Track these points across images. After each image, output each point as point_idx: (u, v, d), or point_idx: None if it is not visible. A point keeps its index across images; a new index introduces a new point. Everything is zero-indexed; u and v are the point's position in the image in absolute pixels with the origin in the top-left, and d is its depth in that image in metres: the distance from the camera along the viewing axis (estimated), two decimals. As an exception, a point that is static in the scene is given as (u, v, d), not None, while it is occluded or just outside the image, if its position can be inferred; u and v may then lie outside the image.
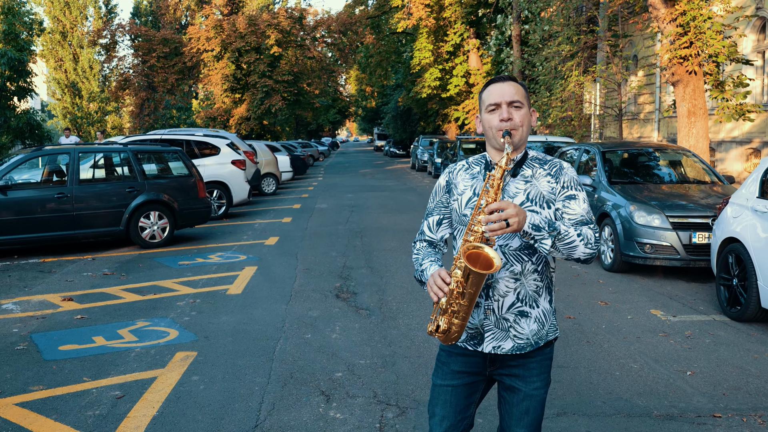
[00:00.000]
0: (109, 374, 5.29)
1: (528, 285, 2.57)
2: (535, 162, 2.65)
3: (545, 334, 2.63)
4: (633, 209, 8.78)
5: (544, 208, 2.56)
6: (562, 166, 2.64)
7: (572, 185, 2.60)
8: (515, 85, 2.61)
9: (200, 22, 36.46)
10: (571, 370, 5.32)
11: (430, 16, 32.60)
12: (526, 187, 2.59)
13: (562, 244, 2.45)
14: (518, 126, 2.56)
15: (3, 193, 10.22)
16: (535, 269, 2.58)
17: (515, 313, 2.57)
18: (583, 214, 2.57)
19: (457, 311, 2.45)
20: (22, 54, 21.39)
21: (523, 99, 2.60)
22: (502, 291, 2.55)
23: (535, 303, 2.59)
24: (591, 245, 2.50)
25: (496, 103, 2.57)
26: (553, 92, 19.60)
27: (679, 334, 6.26)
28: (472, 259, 2.41)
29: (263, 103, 32.79)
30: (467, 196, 2.64)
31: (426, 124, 49.84)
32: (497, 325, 2.57)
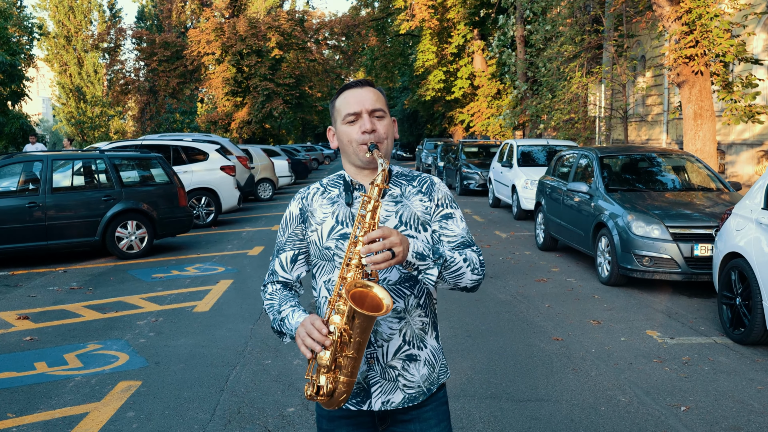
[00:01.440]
0: (38, 409, 4.77)
1: (414, 323, 2.18)
2: (402, 179, 2.26)
3: (437, 378, 2.25)
4: (631, 219, 8.19)
5: (420, 231, 2.17)
6: (433, 182, 2.27)
7: (447, 202, 2.24)
8: (374, 90, 2.21)
9: (200, 25, 36.00)
10: (551, 405, 4.76)
11: (434, 18, 32.04)
12: (398, 209, 2.18)
13: (449, 272, 2.06)
14: (383, 138, 2.17)
15: (-29, 203, 9.77)
16: (418, 304, 2.18)
17: (403, 359, 2.16)
18: (464, 234, 2.21)
19: (343, 365, 1.98)
20: (15, 58, 20.99)
21: (385, 106, 2.21)
22: (385, 334, 2.14)
23: (422, 343, 2.21)
24: (477, 270, 2.14)
25: (355, 112, 2.16)
26: (556, 94, 19.01)
27: (675, 360, 5.68)
28: (357, 299, 1.95)
29: (264, 107, 32.33)
30: (329, 225, 2.19)
31: (432, 126, 49.31)
32: (384, 376, 2.15)
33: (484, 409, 4.69)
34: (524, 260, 10.29)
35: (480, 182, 20.95)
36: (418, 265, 1.99)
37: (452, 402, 4.76)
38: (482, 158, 22.47)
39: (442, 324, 6.75)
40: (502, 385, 5.14)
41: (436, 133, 47.83)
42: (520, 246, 11.61)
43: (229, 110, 34.10)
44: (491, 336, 6.39)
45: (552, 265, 9.85)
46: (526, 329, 6.62)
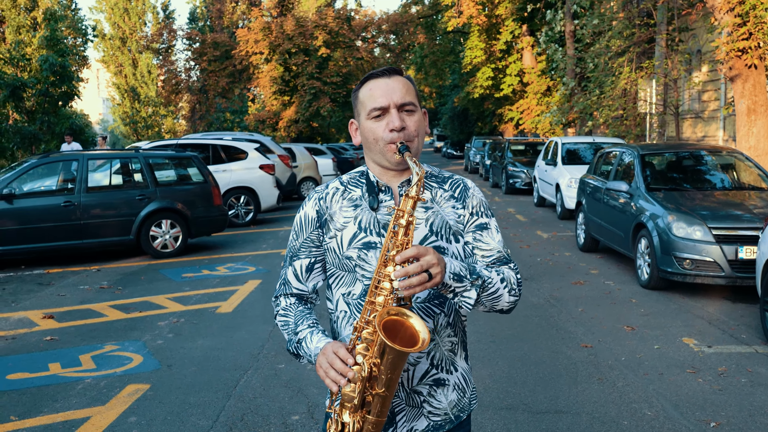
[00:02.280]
0: (41, 412, 4.70)
1: (443, 344, 1.94)
2: (432, 181, 1.99)
3: (467, 404, 2.02)
4: (671, 219, 7.79)
5: (451, 242, 1.93)
6: (467, 186, 2.01)
7: (482, 210, 1.99)
8: (403, 80, 1.94)
9: (248, 24, 36.24)
10: (571, 417, 4.48)
11: (482, 14, 31.58)
12: (428, 216, 1.93)
13: (487, 294, 1.84)
14: (413, 136, 1.91)
15: (8, 202, 9.88)
16: (448, 323, 1.95)
17: (429, 384, 1.93)
18: (500, 248, 1.98)
19: (372, 404, 1.75)
20: (65, 59, 21.37)
21: (416, 98, 1.94)
22: (412, 358, 1.90)
23: (452, 366, 1.97)
24: (515, 291, 1.91)
25: (382, 107, 1.89)
26: (603, 90, 18.48)
27: (710, 371, 5.32)
28: (389, 331, 1.70)
29: (311, 105, 32.35)
30: (350, 232, 1.95)
31: (483, 125, 48.75)
32: (408, 402, 1.92)
33: (497, 420, 4.44)
34: (563, 262, 9.94)
35: (526, 181, 20.51)
36: (455, 287, 1.77)
37: (465, 413, 4.52)
38: (529, 156, 22.02)
39: (469, 328, 6.48)
40: (520, 395, 4.87)
41: (486, 131, 47.25)
42: (560, 247, 11.25)
43: (277, 109, 34.22)
44: (516, 342, 6.12)
45: (591, 267, 9.49)
46: (554, 335, 6.32)
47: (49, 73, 20.88)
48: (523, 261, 9.93)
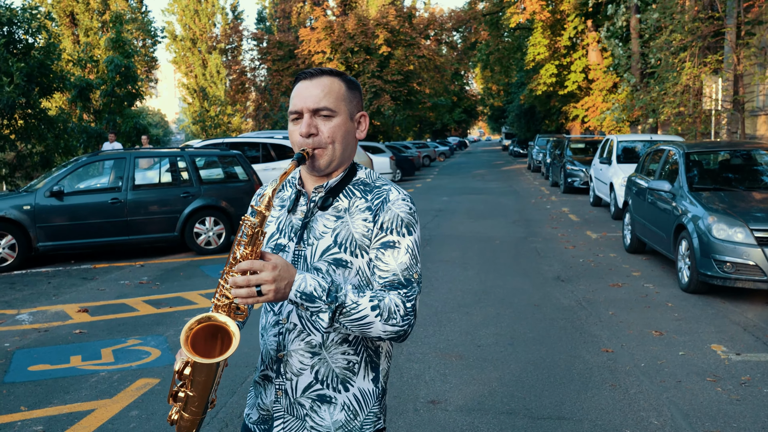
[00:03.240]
0: (51, 403, 4.82)
1: (333, 361, 1.86)
2: (357, 188, 1.90)
3: (358, 427, 1.89)
4: (712, 221, 7.48)
5: (357, 256, 1.84)
6: (388, 199, 1.86)
7: (393, 227, 1.83)
8: (327, 82, 1.86)
9: (312, 24, 36.59)
10: (571, 425, 4.33)
11: (545, 10, 31.05)
12: (336, 226, 1.86)
13: (349, 320, 1.72)
14: (327, 142, 1.84)
15: (59, 199, 10.21)
16: (345, 340, 1.86)
17: (313, 398, 1.87)
18: (398, 272, 1.80)
19: (186, 402, 1.77)
20: (129, 60, 21.98)
21: (338, 103, 1.85)
22: (295, 368, 1.86)
23: (343, 385, 1.88)
24: (396, 320, 1.75)
25: (297, 110, 1.85)
26: (664, 86, 17.90)
27: (732, 380, 5.08)
28: (199, 336, 1.71)
29: (372, 104, 32.43)
30: (270, 231, 1.95)
31: (550, 122, 47.98)
32: (290, 411, 1.88)
33: (494, 425, 4.33)
34: (606, 263, 9.67)
35: (584, 180, 20.07)
36: (307, 305, 1.70)
37: (462, 417, 4.45)
38: (590, 155, 21.54)
39: (489, 329, 6.40)
40: (525, 400, 4.74)
41: (553, 129, 46.50)
42: (606, 248, 10.94)
43: (338, 108, 34.39)
44: (535, 345, 5.97)
45: (634, 270, 9.19)
46: (576, 339, 6.14)
47: (114, 74, 21.52)
48: (564, 262, 9.71)
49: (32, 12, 17.12)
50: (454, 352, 5.79)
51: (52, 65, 17.41)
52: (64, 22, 34.31)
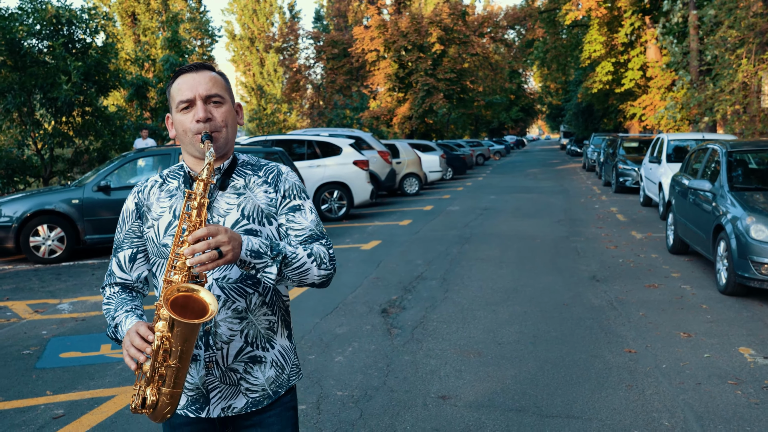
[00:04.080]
0: (75, 388, 5.01)
1: (258, 323, 2.05)
2: (247, 168, 2.09)
3: (286, 380, 2.13)
4: (750, 221, 7.28)
5: (264, 225, 2.02)
6: (281, 171, 2.12)
7: (294, 193, 2.09)
8: (212, 75, 2.04)
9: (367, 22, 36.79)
10: (579, 423, 4.29)
11: (601, 6, 30.52)
12: (240, 201, 2.02)
13: (291, 269, 1.90)
14: (221, 126, 2.00)
15: (105, 193, 10.54)
16: (264, 302, 2.05)
17: (245, 361, 2.04)
18: (312, 227, 2.06)
19: (167, 376, 1.84)
20: (184, 59, 22.48)
21: (224, 92, 2.04)
22: (225, 336, 2.00)
23: (269, 344, 2.08)
24: (326, 265, 1.99)
25: (188, 99, 1.99)
26: (718, 84, 17.43)
27: (755, 383, 4.95)
28: (178, 306, 1.80)
29: (424, 102, 32.41)
30: (166, 221, 2.05)
31: (608, 121, 47.15)
32: (224, 380, 2.02)
33: (501, 422, 4.33)
34: (646, 264, 9.50)
35: (636, 179, 19.70)
36: (255, 263, 1.84)
37: (471, 413, 4.46)
38: (644, 154, 21.11)
39: (512, 328, 6.38)
40: (537, 398, 4.72)
41: (611, 127, 45.69)
42: (649, 248, 10.74)
43: (391, 106, 34.55)
44: (556, 344, 5.92)
45: (674, 271, 9.01)
46: (600, 339, 6.06)
47: (170, 72, 22.02)
48: (603, 262, 9.58)
49: (91, 13, 17.65)
50: (474, 350, 5.79)
51: (108, 64, 17.91)
52: (126, 22, 35.29)
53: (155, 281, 2.10)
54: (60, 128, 17.47)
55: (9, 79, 16.06)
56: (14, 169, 16.96)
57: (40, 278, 9.21)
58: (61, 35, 16.87)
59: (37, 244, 10.24)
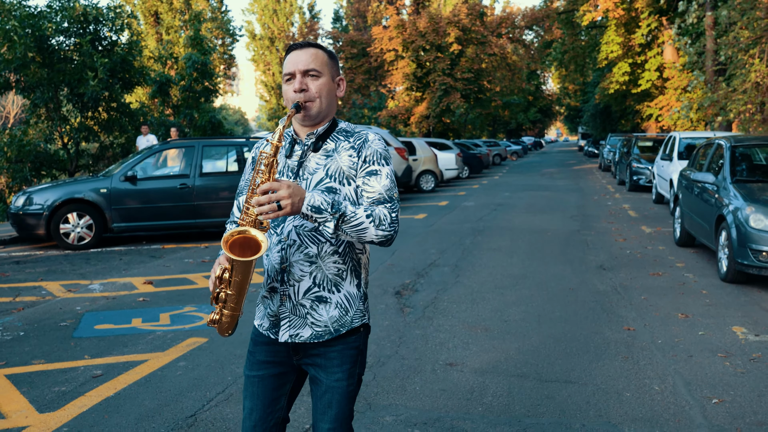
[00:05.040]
0: (110, 354, 5.43)
1: (327, 268, 2.35)
2: (341, 134, 2.41)
3: (349, 321, 2.40)
4: (749, 211, 7.59)
5: (344, 185, 2.34)
6: (367, 139, 2.39)
7: (375, 159, 2.35)
8: (314, 51, 2.39)
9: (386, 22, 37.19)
10: (575, 387, 4.65)
11: (619, 7, 30.72)
12: (326, 163, 2.37)
13: (349, 226, 2.20)
14: (314, 97, 2.35)
15: (132, 183, 11.00)
16: (335, 251, 2.35)
17: (312, 299, 2.36)
18: (382, 191, 2.33)
19: (226, 301, 2.26)
20: (206, 57, 22.96)
21: (323, 66, 2.38)
22: (297, 275, 2.34)
23: (335, 288, 2.37)
24: (384, 227, 2.25)
25: (290, 72, 2.36)
26: (731, 84, 17.65)
27: (743, 356, 5.28)
28: (236, 244, 2.19)
29: (442, 101, 32.75)
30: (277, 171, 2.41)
31: (625, 122, 47.23)
32: (294, 312, 2.37)
33: (502, 385, 4.69)
34: (652, 255, 9.80)
35: (650, 178, 19.94)
36: (315, 217, 2.16)
37: (475, 377, 4.82)
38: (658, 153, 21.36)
39: (519, 308, 6.73)
40: (537, 366, 5.08)
41: (628, 129, 45.77)
42: (657, 241, 11.03)
43: (409, 105, 34.91)
44: (560, 322, 6.27)
45: (678, 261, 9.31)
46: (602, 318, 6.41)
47: (192, 70, 22.53)
48: (611, 253, 9.89)
49: (117, 11, 18.17)
50: (481, 326, 6.15)
51: (133, 61, 18.43)
52: (149, 21, 35.94)
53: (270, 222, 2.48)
54: (86, 123, 18.00)
55: (38, 75, 16.60)
56: (42, 162, 17.50)
57: (70, 262, 9.67)
58: (88, 33, 17.38)
59: (67, 231, 10.70)
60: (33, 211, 10.66)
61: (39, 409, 4.33)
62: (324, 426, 2.40)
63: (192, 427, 4.05)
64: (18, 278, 8.56)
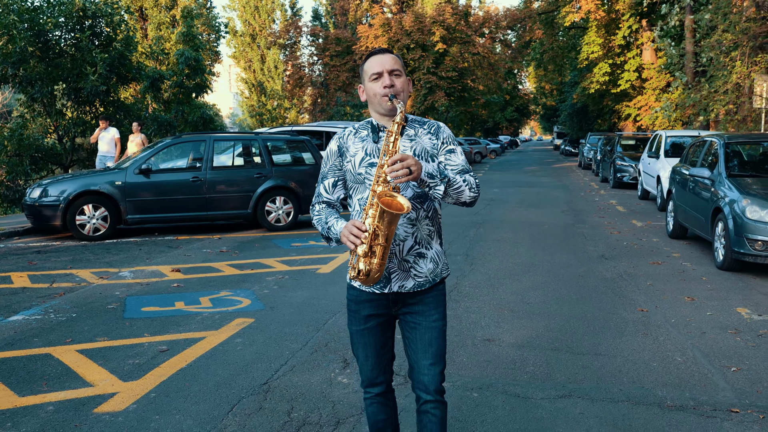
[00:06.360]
0: (168, 332, 5.81)
1: (422, 230, 2.83)
2: (415, 123, 2.90)
3: (440, 272, 2.91)
4: (745, 203, 8.14)
5: (429, 161, 2.81)
6: (440, 126, 2.91)
7: (450, 141, 2.89)
8: (393, 56, 2.87)
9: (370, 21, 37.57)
10: (606, 359, 5.13)
11: (600, 9, 31.44)
12: (412, 145, 2.84)
13: (452, 189, 2.70)
14: (400, 91, 2.81)
15: (146, 176, 11.31)
16: (426, 215, 2.84)
17: (414, 255, 2.83)
18: (462, 164, 2.86)
19: (376, 252, 2.66)
20: (198, 53, 23.20)
21: (401, 68, 2.86)
22: (401, 236, 2.79)
23: (429, 245, 2.85)
24: (474, 189, 2.78)
25: (378, 72, 2.81)
26: (713, 85, 18.33)
27: (751, 332, 5.80)
28: (385, 204, 2.62)
29: (426, 99, 33.25)
30: (360, 157, 2.86)
31: (602, 121, 48.14)
32: (400, 267, 2.81)
33: (540, 357, 5.15)
34: (648, 246, 10.35)
35: (633, 175, 20.58)
36: (429, 182, 2.65)
37: (513, 350, 5.28)
38: (640, 151, 22.00)
39: (537, 292, 7.21)
40: (567, 341, 5.55)
41: (605, 128, 46.66)
42: (650, 234, 11.60)
43: (393, 103, 35.28)
44: (578, 304, 6.76)
45: (674, 251, 9.87)
46: (615, 301, 6.90)
47: (184, 66, 22.75)
48: (609, 244, 10.42)
49: (114, 6, 18.37)
50: (506, 307, 6.62)
51: (130, 57, 18.65)
52: (134, 17, 35.91)
53: (350, 202, 2.92)
54: (83, 117, 18.19)
55: (37, 70, 16.79)
56: (41, 156, 17.67)
57: (92, 252, 9.97)
58: (87, 27, 17.57)
59: (83, 223, 10.98)
60: (49, 203, 10.93)
61: (122, 378, 4.71)
62: (426, 362, 2.87)
63: (268, 393, 4.45)
64: (46, 266, 8.86)
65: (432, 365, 2.86)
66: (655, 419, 4.06)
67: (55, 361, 5.07)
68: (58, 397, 4.39)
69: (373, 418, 3.02)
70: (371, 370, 2.95)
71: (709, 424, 3.99)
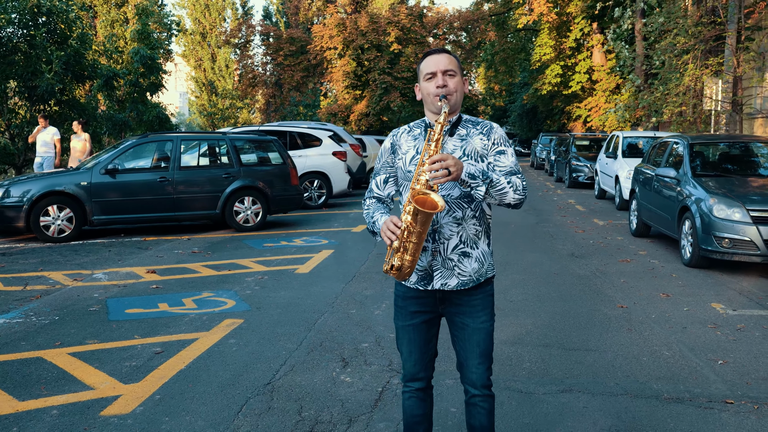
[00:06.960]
0: (158, 334, 5.75)
1: (468, 229, 2.88)
2: (468, 123, 2.94)
3: (485, 272, 2.94)
4: (713, 202, 8.43)
5: (478, 161, 2.85)
6: (492, 127, 2.93)
7: (501, 142, 2.90)
8: (449, 56, 2.89)
9: (324, 21, 37.53)
10: (598, 354, 5.27)
11: (552, 11, 32.01)
12: (462, 144, 2.88)
13: (495, 190, 2.72)
14: (453, 91, 2.84)
15: (112, 176, 11.12)
16: (473, 215, 2.88)
17: (459, 254, 2.87)
18: (512, 165, 2.86)
19: (408, 249, 2.71)
20: (154, 52, 22.87)
21: (456, 68, 2.88)
22: (446, 234, 2.85)
23: (475, 245, 2.89)
24: (519, 192, 2.77)
25: (432, 72, 2.85)
26: (667, 87, 18.84)
27: (729, 326, 6.02)
28: (419, 202, 2.67)
29: (382, 100, 33.36)
30: (410, 155, 2.92)
31: (551, 122, 48.96)
32: (443, 265, 2.87)
33: (534, 353, 5.27)
34: (614, 244, 10.61)
35: (589, 175, 21.03)
36: (470, 182, 2.68)
37: (507, 347, 5.38)
38: (594, 152, 22.46)
39: (517, 290, 7.33)
40: (556, 337, 5.68)
41: (555, 128, 47.47)
42: (614, 232, 11.89)
43: (348, 103, 35.39)
44: (559, 301, 6.91)
45: (640, 249, 10.14)
46: (594, 298, 7.08)
47: (139, 65, 22.41)
48: (576, 243, 10.65)
49: (68, 2, 17.99)
50: (491, 305, 6.72)
51: (85, 54, 18.29)
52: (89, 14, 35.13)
53: (401, 198, 2.95)
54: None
55: (-12, 67, 16.37)
56: (-5, 156, 17.24)
57: (59, 253, 9.77)
58: (40, 25, 17.18)
59: (47, 224, 10.74)
60: (12, 204, 10.65)
61: (122, 380, 4.66)
62: (474, 362, 2.95)
63: (274, 393, 4.46)
64: (15, 269, 8.66)
65: (480, 364, 2.94)
66: (656, 411, 4.20)
67: (48, 365, 4.98)
68: (59, 400, 4.33)
69: (410, 412, 3.07)
70: (414, 365, 3.02)
71: (708, 415, 4.15)
